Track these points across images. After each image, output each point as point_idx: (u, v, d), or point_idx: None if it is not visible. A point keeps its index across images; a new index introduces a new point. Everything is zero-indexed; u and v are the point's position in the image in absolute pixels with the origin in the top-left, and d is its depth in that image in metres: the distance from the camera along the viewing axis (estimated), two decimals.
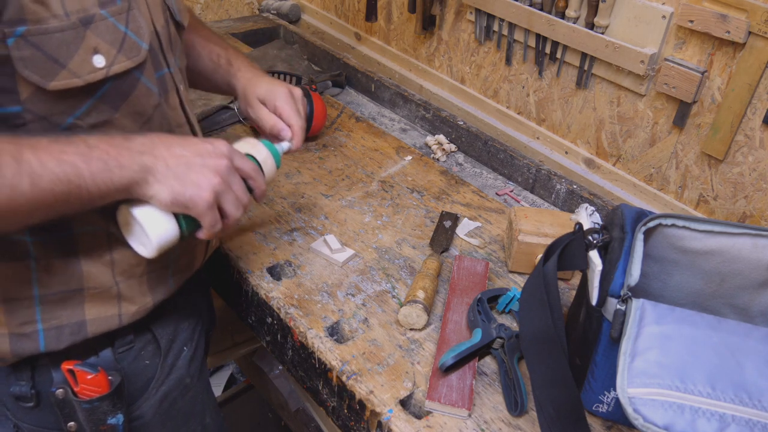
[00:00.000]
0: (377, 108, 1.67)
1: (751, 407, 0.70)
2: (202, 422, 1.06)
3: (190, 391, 1.03)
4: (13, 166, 0.67)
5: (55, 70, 0.70)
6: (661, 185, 1.26)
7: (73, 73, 0.72)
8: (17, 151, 0.68)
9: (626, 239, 0.81)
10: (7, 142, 0.68)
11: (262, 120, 1.04)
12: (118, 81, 0.76)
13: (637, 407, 0.71)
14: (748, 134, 1.10)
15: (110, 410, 0.89)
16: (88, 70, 0.72)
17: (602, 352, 0.83)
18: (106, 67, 0.74)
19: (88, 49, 0.72)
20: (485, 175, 1.45)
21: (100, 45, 0.73)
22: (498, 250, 1.20)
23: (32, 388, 0.88)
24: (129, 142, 0.75)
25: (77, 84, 0.72)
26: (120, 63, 0.75)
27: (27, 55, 0.68)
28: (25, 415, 0.91)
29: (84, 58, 0.72)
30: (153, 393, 0.97)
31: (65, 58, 0.70)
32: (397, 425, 0.86)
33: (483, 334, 0.95)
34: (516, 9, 1.32)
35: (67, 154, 0.70)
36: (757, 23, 1.01)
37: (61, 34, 0.69)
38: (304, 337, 0.99)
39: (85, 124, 0.76)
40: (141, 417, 0.96)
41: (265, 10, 2.02)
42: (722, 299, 0.85)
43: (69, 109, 0.74)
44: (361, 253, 1.15)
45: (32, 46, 0.68)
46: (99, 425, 0.89)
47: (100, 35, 0.72)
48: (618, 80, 1.24)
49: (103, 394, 0.88)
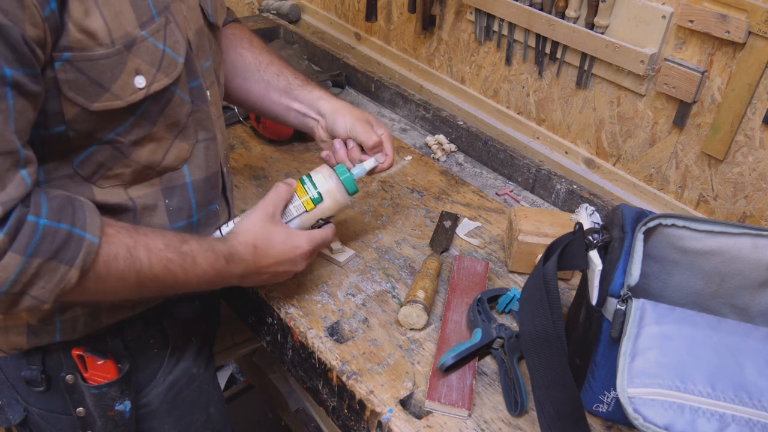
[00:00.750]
0: (377, 108, 1.67)
1: (751, 407, 0.70)
2: (207, 412, 1.08)
3: (196, 381, 1.05)
4: (127, 260, 0.75)
5: (98, 93, 0.73)
6: (661, 185, 1.25)
7: (116, 95, 0.74)
8: (133, 246, 0.76)
9: (626, 239, 0.81)
10: (125, 234, 0.76)
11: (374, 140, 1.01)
12: (156, 98, 0.78)
13: (637, 407, 0.71)
14: (748, 134, 1.10)
15: (118, 396, 0.92)
16: (130, 91, 0.75)
17: (602, 352, 0.83)
18: (147, 86, 0.76)
19: (131, 72, 0.74)
20: (485, 175, 1.45)
21: (141, 66, 0.75)
22: (498, 250, 1.20)
23: (43, 372, 0.90)
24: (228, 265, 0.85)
25: (119, 105, 0.75)
26: (159, 81, 0.77)
27: (72, 78, 0.70)
28: (36, 399, 0.92)
29: (126, 81, 0.74)
30: (160, 381, 0.99)
31: (109, 82, 0.73)
32: (397, 425, 0.86)
33: (483, 334, 0.95)
34: (516, 9, 1.32)
35: (173, 264, 0.79)
36: (757, 23, 1.01)
37: (106, 61, 0.71)
38: (304, 337, 0.99)
39: (126, 140, 0.79)
40: (148, 405, 0.98)
41: (265, 10, 2.02)
42: (722, 299, 0.85)
43: (111, 126, 0.77)
44: (361, 253, 1.15)
45: (77, 70, 0.70)
46: (107, 411, 0.91)
47: (141, 56, 0.74)
48: (618, 80, 1.24)
49: (111, 380, 0.90)
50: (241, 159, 1.37)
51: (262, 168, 1.35)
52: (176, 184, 0.87)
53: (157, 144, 0.82)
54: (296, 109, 1.07)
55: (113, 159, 0.80)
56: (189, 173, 0.88)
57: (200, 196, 0.91)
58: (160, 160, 0.84)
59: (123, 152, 0.80)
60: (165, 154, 0.84)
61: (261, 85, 1.07)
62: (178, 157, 0.86)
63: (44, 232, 0.67)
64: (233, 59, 1.07)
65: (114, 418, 0.92)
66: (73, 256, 0.70)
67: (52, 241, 0.68)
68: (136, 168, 0.82)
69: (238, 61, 1.07)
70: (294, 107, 1.07)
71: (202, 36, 0.88)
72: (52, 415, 0.94)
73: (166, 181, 0.86)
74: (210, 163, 0.91)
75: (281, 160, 1.38)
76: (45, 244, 0.67)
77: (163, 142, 0.83)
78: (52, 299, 0.70)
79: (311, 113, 1.07)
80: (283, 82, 1.07)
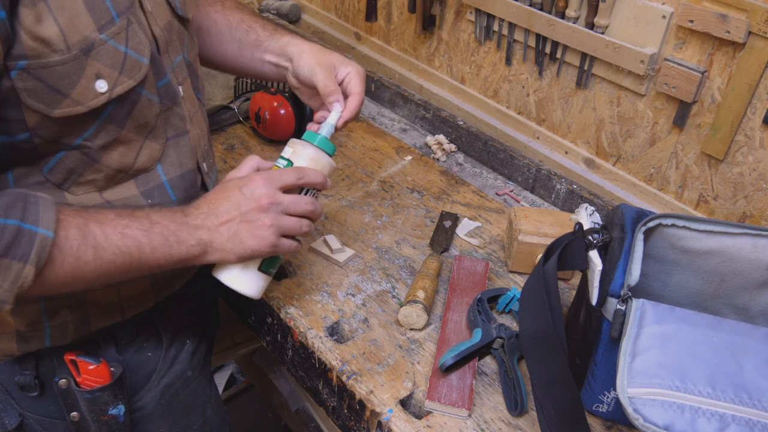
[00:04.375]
0: (377, 108, 1.67)
1: (751, 407, 0.70)
2: (204, 414, 1.07)
3: (191, 384, 1.04)
4: (79, 238, 0.71)
5: (58, 100, 0.71)
6: (661, 185, 1.25)
7: (76, 101, 0.72)
8: (84, 224, 0.72)
9: (626, 239, 0.81)
10: (75, 215, 0.72)
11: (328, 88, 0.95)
12: (120, 101, 0.77)
13: (637, 407, 0.71)
14: (748, 134, 1.10)
15: (111, 401, 0.91)
16: (91, 96, 0.73)
17: (602, 352, 0.83)
18: (109, 90, 0.74)
19: (90, 76, 0.72)
20: (485, 175, 1.45)
21: (102, 70, 0.73)
22: (498, 250, 1.20)
23: (36, 378, 0.89)
24: (186, 217, 0.80)
25: (81, 111, 0.73)
26: (122, 84, 0.75)
27: (30, 86, 0.69)
28: (30, 404, 0.92)
29: (86, 86, 0.72)
30: (155, 385, 0.98)
31: (67, 88, 0.71)
32: (397, 425, 0.86)
33: (483, 334, 0.95)
34: (516, 9, 1.32)
35: (130, 229, 0.75)
36: (757, 23, 1.01)
37: (63, 67, 0.70)
38: (304, 337, 0.99)
39: (94, 144, 0.78)
40: (142, 408, 0.97)
41: (265, 10, 2.02)
42: (722, 299, 0.85)
43: (76, 131, 0.76)
44: (361, 253, 1.15)
45: (34, 78, 0.69)
46: (100, 415, 0.90)
47: (101, 60, 0.72)
48: (618, 80, 1.24)
49: (104, 385, 0.89)
50: (241, 159, 1.37)
51: None
52: (153, 185, 0.86)
53: (127, 147, 0.81)
54: (269, 61, 1.03)
55: (83, 165, 0.78)
56: (164, 172, 0.87)
57: (180, 193, 0.90)
58: (131, 162, 0.82)
59: (92, 157, 0.78)
60: (136, 156, 0.82)
61: (234, 45, 1.04)
62: (150, 158, 0.84)
63: None
64: (208, 25, 1.05)
65: (108, 423, 0.91)
66: (26, 252, 0.67)
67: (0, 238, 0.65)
68: (107, 173, 0.81)
69: (212, 26, 1.05)
70: (267, 59, 1.03)
71: (171, 31, 0.86)
72: (47, 420, 0.93)
73: (142, 183, 0.85)
74: (184, 160, 0.89)
75: None
76: None
77: (133, 144, 0.81)
78: (11, 299, 0.67)
79: (282, 61, 1.01)
80: (252, 36, 1.03)
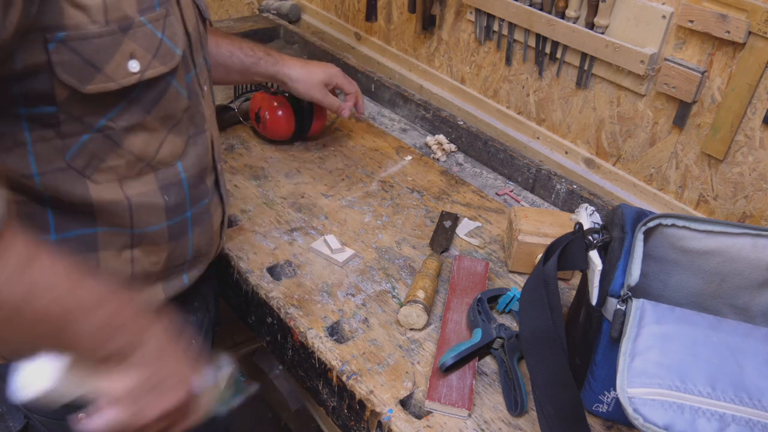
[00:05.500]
0: (377, 108, 1.67)
1: (751, 407, 0.70)
2: None
3: None
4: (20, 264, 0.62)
5: (91, 74, 0.72)
6: (661, 185, 1.25)
7: (109, 77, 0.73)
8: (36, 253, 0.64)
9: (626, 239, 0.81)
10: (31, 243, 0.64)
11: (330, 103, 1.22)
12: (150, 85, 0.78)
13: (637, 407, 0.71)
14: (748, 134, 1.10)
15: None
16: (123, 74, 0.74)
17: (602, 352, 0.83)
18: (140, 71, 0.75)
19: (125, 54, 0.73)
20: (485, 175, 1.45)
21: (136, 51, 0.74)
22: (498, 250, 1.20)
23: None
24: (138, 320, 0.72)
25: (112, 88, 0.74)
26: (154, 68, 0.77)
27: (66, 59, 0.70)
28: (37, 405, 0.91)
29: (120, 62, 0.73)
30: None
31: (102, 62, 0.72)
32: (397, 425, 0.86)
33: (483, 334, 0.95)
34: (516, 9, 1.32)
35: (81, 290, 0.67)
36: (757, 23, 1.01)
37: (100, 40, 0.71)
38: (304, 337, 0.99)
39: (118, 126, 0.78)
40: None
41: (265, 10, 2.02)
42: (722, 299, 0.85)
43: (102, 111, 0.76)
44: (361, 253, 1.15)
45: (71, 50, 0.69)
46: None
47: (137, 41, 0.74)
48: (618, 80, 1.24)
49: None
50: (241, 159, 1.37)
51: (261, 168, 1.35)
52: (172, 181, 0.87)
53: (150, 135, 0.81)
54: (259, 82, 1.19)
55: (105, 149, 0.78)
56: (183, 169, 0.88)
57: (194, 192, 0.91)
58: (153, 153, 0.83)
59: (115, 140, 0.79)
60: (158, 147, 0.83)
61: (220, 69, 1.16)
62: (172, 153, 0.85)
63: None
64: None
65: None
66: None
67: None
68: (129, 160, 0.81)
69: None
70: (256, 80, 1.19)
71: (199, 31, 0.89)
72: (53, 422, 0.93)
73: (162, 178, 0.86)
74: (202, 159, 0.91)
75: (281, 160, 1.38)
76: None
77: (156, 135, 0.82)
78: None
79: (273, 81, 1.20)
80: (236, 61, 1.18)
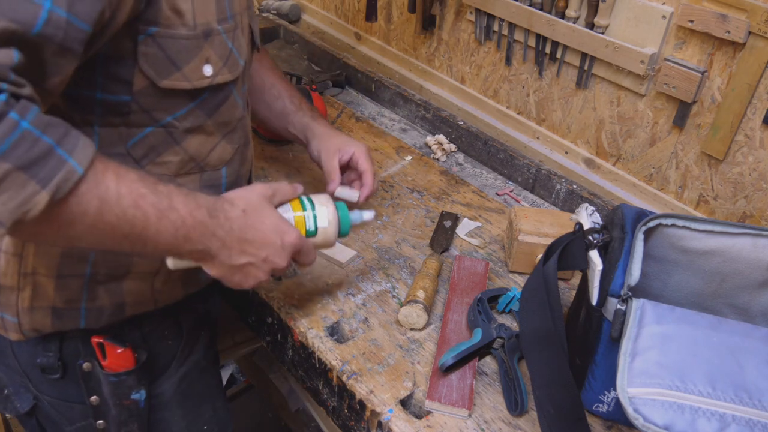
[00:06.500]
0: (377, 108, 1.67)
1: (751, 407, 0.70)
2: (214, 406, 1.10)
3: (205, 374, 1.07)
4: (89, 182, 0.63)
5: (170, 71, 0.77)
6: (661, 185, 1.25)
7: (185, 76, 0.78)
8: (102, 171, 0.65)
9: (626, 239, 0.81)
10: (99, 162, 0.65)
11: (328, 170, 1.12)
12: (216, 91, 0.83)
13: (637, 407, 0.71)
14: (748, 134, 1.10)
15: (135, 385, 0.93)
16: (198, 76, 0.79)
17: (602, 352, 0.83)
18: (212, 76, 0.80)
19: (202, 59, 0.79)
20: (485, 175, 1.45)
21: (212, 57, 0.80)
22: (498, 250, 1.20)
23: (59, 359, 0.90)
24: (210, 219, 0.75)
25: (185, 86, 0.79)
26: (223, 75, 0.82)
27: (151, 52, 0.74)
28: (48, 387, 0.93)
29: (197, 65, 0.78)
30: (173, 372, 1.00)
31: (182, 62, 0.77)
32: (397, 425, 0.86)
33: (483, 334, 0.95)
34: (516, 9, 1.32)
35: (145, 201, 0.68)
36: (757, 23, 1.01)
37: (186, 42, 0.76)
38: (304, 337, 0.99)
39: (181, 126, 0.82)
40: (161, 395, 0.99)
41: (265, 10, 2.02)
42: (722, 299, 0.85)
43: (171, 108, 0.80)
44: (362, 253, 1.15)
45: (157, 46, 0.74)
46: (122, 399, 0.92)
47: (214, 48, 0.79)
48: (618, 80, 1.24)
49: (129, 369, 0.91)
50: None
51: (262, 168, 1.35)
52: (214, 184, 0.90)
53: (206, 138, 0.86)
54: (292, 132, 1.17)
55: (165, 144, 0.82)
56: (226, 175, 0.92)
57: None
58: (205, 155, 0.87)
59: (175, 138, 0.82)
60: (211, 150, 0.87)
61: (263, 105, 1.16)
62: (220, 158, 0.89)
63: (23, 135, 0.58)
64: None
65: (129, 407, 0.93)
66: (49, 176, 0.60)
67: (29, 149, 0.58)
68: (183, 158, 0.84)
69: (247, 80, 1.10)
70: (290, 130, 1.17)
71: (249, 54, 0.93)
72: (63, 404, 0.94)
73: (206, 180, 0.89)
74: (241, 168, 0.95)
75: (281, 160, 1.38)
76: (20, 149, 0.58)
77: (212, 139, 0.87)
78: (9, 222, 0.59)
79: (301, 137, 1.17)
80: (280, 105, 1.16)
